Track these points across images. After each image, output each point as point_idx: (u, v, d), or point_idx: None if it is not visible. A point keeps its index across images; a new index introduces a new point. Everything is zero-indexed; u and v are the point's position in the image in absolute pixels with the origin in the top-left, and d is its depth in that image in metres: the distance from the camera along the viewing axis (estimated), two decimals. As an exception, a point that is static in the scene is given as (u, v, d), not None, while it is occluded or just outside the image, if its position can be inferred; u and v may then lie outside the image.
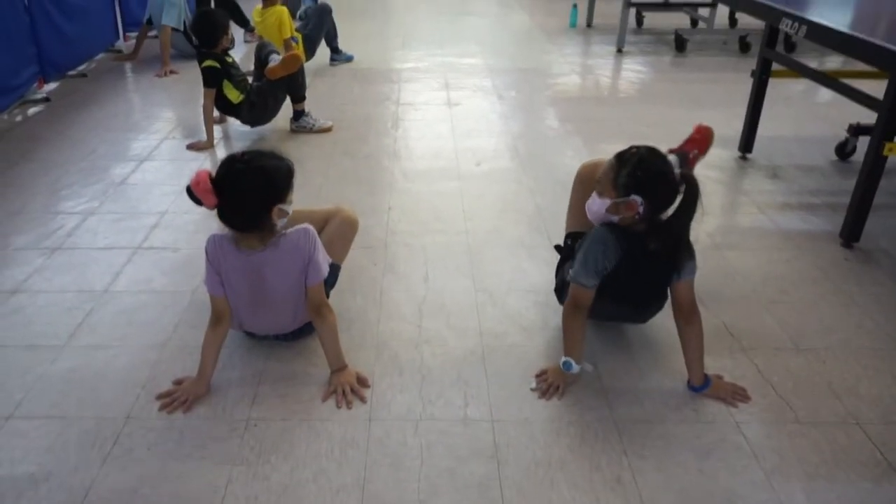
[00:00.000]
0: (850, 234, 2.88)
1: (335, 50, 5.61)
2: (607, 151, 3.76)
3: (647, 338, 2.29)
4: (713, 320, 2.35)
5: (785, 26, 3.11)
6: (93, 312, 2.40)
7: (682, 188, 1.91)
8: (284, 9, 4.83)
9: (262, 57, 4.07)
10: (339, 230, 2.30)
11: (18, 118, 4.42)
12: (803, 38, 2.99)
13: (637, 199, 1.92)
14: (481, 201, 3.30)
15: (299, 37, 5.16)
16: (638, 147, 1.99)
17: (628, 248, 1.96)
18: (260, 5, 4.93)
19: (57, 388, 2.04)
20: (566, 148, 3.97)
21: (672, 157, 2.33)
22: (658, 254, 1.94)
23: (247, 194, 1.89)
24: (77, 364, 2.14)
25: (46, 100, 4.68)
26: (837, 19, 3.14)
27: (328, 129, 4.15)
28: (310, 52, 5.35)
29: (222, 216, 1.92)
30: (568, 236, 2.35)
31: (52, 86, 4.94)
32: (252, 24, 5.56)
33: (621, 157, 1.97)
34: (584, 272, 1.98)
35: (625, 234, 1.98)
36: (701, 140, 2.42)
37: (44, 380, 2.08)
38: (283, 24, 4.76)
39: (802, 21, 2.97)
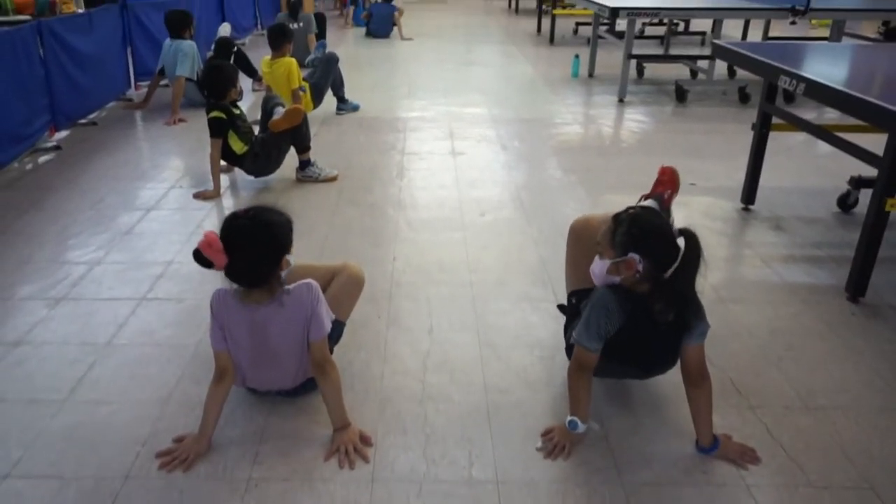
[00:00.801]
0: (856, 288, 2.87)
1: (341, 99, 5.70)
2: (610, 202, 3.86)
3: (654, 395, 2.26)
4: (720, 376, 2.33)
5: (783, 83, 3.14)
6: (95, 365, 2.39)
7: (683, 245, 1.89)
8: (293, 60, 4.95)
9: (267, 109, 4.14)
10: (344, 287, 2.30)
11: (29, 166, 4.48)
12: (802, 94, 3.02)
13: (635, 256, 1.90)
14: (485, 252, 3.30)
15: (307, 86, 5.26)
16: (633, 207, 2.01)
17: (632, 311, 1.94)
18: (268, 56, 5.05)
19: (56, 446, 2.02)
20: (569, 199, 3.99)
21: (650, 202, 2.36)
22: (664, 314, 1.91)
23: (258, 250, 1.90)
24: (77, 420, 2.12)
25: (57, 148, 4.75)
26: (835, 76, 3.18)
27: (334, 179, 4.19)
28: (317, 100, 5.45)
29: (231, 274, 1.92)
30: (571, 294, 2.34)
31: (62, 134, 5.02)
32: (260, 73, 5.67)
33: (617, 217, 1.97)
34: (587, 335, 1.97)
35: (628, 296, 1.96)
36: (669, 180, 2.46)
37: (43, 437, 2.05)
38: (291, 74, 4.87)
39: (800, 79, 3.00)
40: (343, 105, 5.71)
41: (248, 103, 5.94)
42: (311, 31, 7.38)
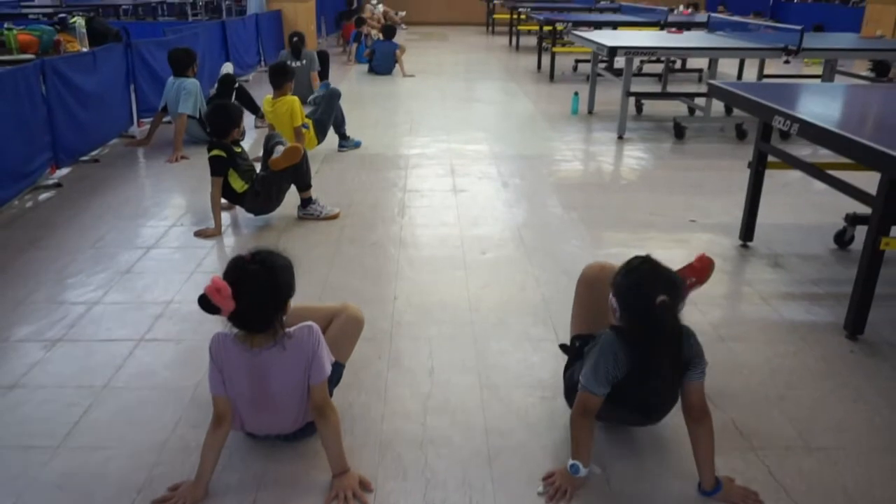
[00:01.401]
0: (854, 326, 2.87)
1: (343, 136, 5.74)
2: (611, 240, 3.87)
3: (655, 438, 2.23)
4: (722, 416, 2.31)
5: (778, 123, 3.17)
6: (91, 409, 2.36)
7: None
8: (295, 98, 5.00)
9: (268, 147, 4.17)
10: (344, 329, 2.28)
11: (29, 204, 4.49)
12: (796, 134, 3.04)
13: (613, 301, 1.98)
14: (487, 291, 3.29)
15: (310, 123, 5.31)
16: (643, 257, 2.01)
17: (638, 355, 1.94)
18: (270, 95, 5.10)
19: (49, 495, 1.98)
20: (570, 237, 3.99)
21: None
22: (664, 357, 1.92)
23: (265, 296, 1.90)
24: (71, 467, 2.08)
25: (58, 185, 4.76)
26: (828, 116, 3.21)
27: (335, 217, 4.20)
28: (320, 137, 5.49)
29: (236, 319, 1.91)
30: (575, 338, 2.33)
31: (64, 171, 5.03)
32: (262, 111, 5.73)
33: (626, 262, 2.03)
34: (595, 380, 1.96)
35: (632, 340, 1.96)
36: (700, 269, 2.44)
37: (36, 485, 2.02)
38: (294, 112, 4.92)
39: (795, 119, 3.03)
40: (345, 142, 5.75)
41: (251, 140, 5.99)
42: (314, 69, 7.47)
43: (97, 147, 5.55)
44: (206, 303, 1.83)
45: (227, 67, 6.85)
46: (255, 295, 1.87)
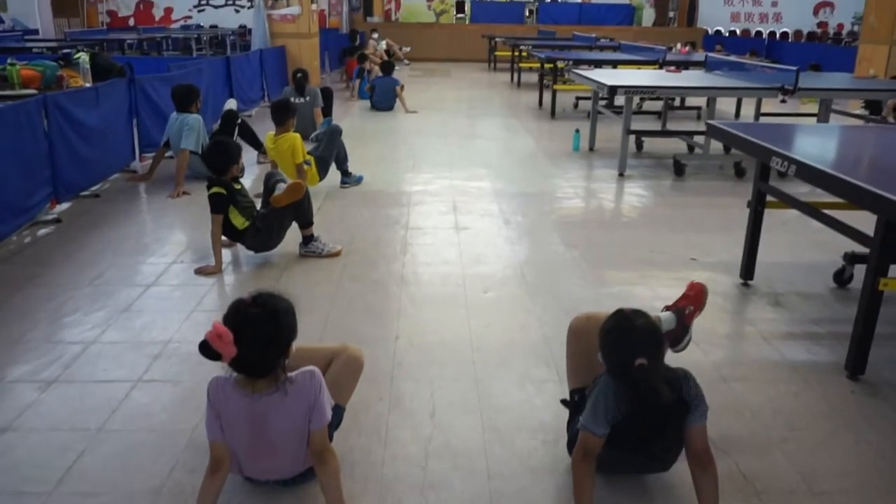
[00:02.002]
0: (855, 366, 2.87)
1: (345, 173, 5.75)
2: (613, 278, 3.85)
3: (659, 485, 2.18)
4: (726, 460, 2.28)
5: (776, 164, 3.19)
6: (85, 454, 2.30)
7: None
8: (297, 135, 5.03)
9: (269, 185, 4.16)
10: (343, 371, 2.25)
11: (28, 240, 4.46)
12: (793, 175, 3.05)
13: (599, 356, 2.03)
14: (489, 331, 3.26)
15: (312, 159, 5.33)
16: (622, 315, 2.01)
17: (637, 396, 1.93)
18: (272, 132, 5.12)
19: (40, 543, 1.93)
20: (572, 275, 3.98)
21: (667, 315, 2.39)
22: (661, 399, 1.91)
23: (268, 341, 1.87)
24: (64, 513, 2.03)
25: (58, 221, 4.73)
26: (825, 157, 3.25)
27: (337, 254, 4.18)
28: (322, 173, 5.50)
29: (238, 364, 1.87)
30: (574, 392, 2.30)
31: (64, 206, 5.01)
32: (264, 147, 5.74)
33: (608, 318, 2.05)
34: (595, 420, 1.95)
35: (631, 383, 1.95)
36: (694, 297, 2.45)
37: (27, 532, 1.97)
38: (295, 149, 4.94)
39: (792, 160, 3.05)
40: (347, 179, 5.76)
41: (253, 176, 6.01)
42: (317, 105, 7.53)
43: (98, 182, 5.54)
44: (207, 349, 1.80)
45: (231, 104, 6.90)
46: (257, 340, 1.85)
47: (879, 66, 11.13)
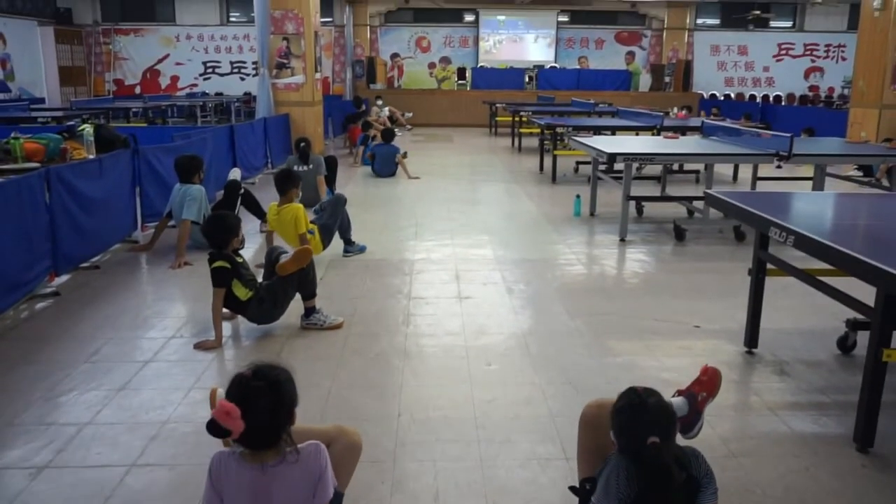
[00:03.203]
0: (864, 439, 2.81)
1: (348, 241, 5.74)
2: (617, 348, 3.80)
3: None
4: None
5: (774, 234, 3.20)
6: (75, 547, 2.21)
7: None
8: (300, 206, 5.04)
9: (272, 259, 4.14)
10: (342, 456, 2.17)
11: (25, 314, 4.39)
12: (791, 246, 3.05)
13: (612, 435, 2.00)
14: (492, 406, 3.19)
15: (315, 228, 5.33)
16: (633, 394, 2.00)
17: (649, 475, 1.87)
18: (276, 203, 5.14)
19: None
20: (576, 345, 3.92)
21: (679, 400, 2.33)
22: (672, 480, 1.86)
23: (274, 412, 1.86)
24: None
25: (56, 294, 4.66)
26: (823, 228, 3.26)
27: (339, 326, 4.12)
28: (326, 242, 5.49)
29: (245, 438, 1.84)
30: (584, 481, 2.23)
31: (63, 278, 4.95)
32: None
33: (619, 397, 2.04)
34: (606, 499, 1.92)
35: (642, 463, 1.90)
36: (708, 382, 2.39)
37: None
38: (298, 220, 4.93)
39: (790, 231, 3.05)
40: (350, 248, 5.74)
41: (256, 245, 6.01)
42: (320, 173, 7.58)
43: (99, 253, 5.51)
44: (215, 427, 1.78)
45: (235, 174, 6.96)
46: (262, 412, 1.83)
47: (870, 129, 11.36)
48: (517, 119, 13.57)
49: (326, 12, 18.57)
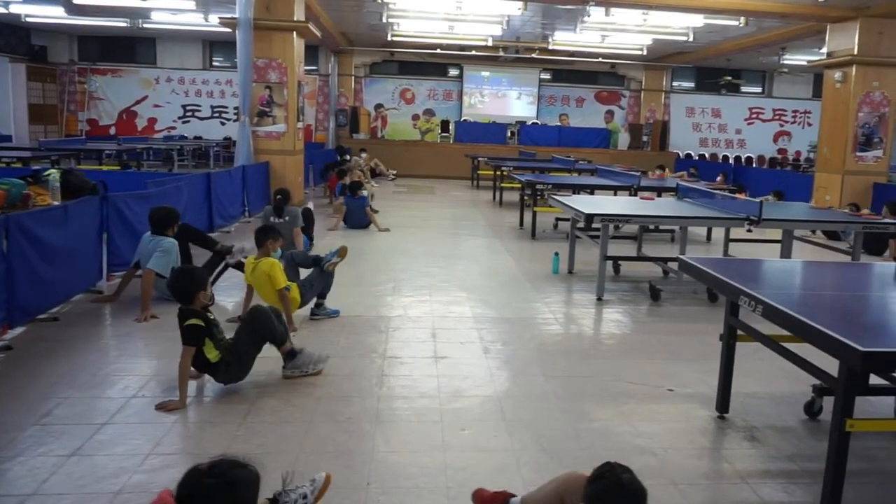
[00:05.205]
0: None
1: (319, 305, 5.43)
2: (592, 413, 3.72)
3: None
4: None
5: (743, 303, 3.23)
6: None
7: None
8: (274, 261, 4.88)
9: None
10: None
11: (-27, 371, 4.11)
12: (760, 315, 3.05)
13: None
14: (466, 475, 3.06)
15: (293, 286, 5.13)
16: (605, 471, 2.10)
17: None
18: (253, 256, 5.00)
19: None
20: (552, 409, 3.83)
21: None
22: None
23: None
24: None
25: (8, 348, 4.37)
26: (790, 299, 3.29)
27: (318, 373, 4.13)
28: (307, 297, 5.25)
29: None
30: None
31: (17, 331, 4.66)
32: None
33: (591, 476, 2.14)
34: None
35: None
36: None
37: None
38: (273, 277, 4.78)
39: (759, 301, 3.07)
40: (319, 310, 5.42)
41: (238, 298, 5.81)
42: (296, 225, 7.46)
43: (59, 304, 5.21)
44: None
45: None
46: None
47: (834, 194, 11.77)
48: (499, 173, 13.67)
49: (311, 61, 18.72)
